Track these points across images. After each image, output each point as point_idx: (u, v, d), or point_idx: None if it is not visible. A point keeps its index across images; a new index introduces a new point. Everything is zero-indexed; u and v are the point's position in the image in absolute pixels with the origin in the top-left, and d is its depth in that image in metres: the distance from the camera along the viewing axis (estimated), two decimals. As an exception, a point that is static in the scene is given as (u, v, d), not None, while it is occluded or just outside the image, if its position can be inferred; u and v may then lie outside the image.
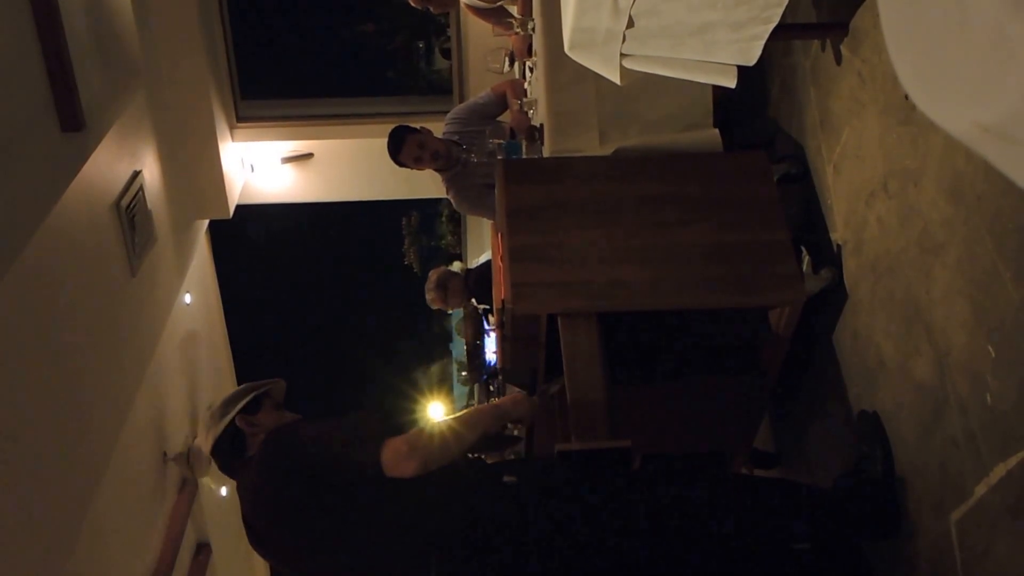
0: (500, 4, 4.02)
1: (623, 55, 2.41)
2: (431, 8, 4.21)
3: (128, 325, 3.80)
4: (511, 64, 3.78)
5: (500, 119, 4.10)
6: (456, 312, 5.42)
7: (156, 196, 4.14)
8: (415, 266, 10.96)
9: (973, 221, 1.96)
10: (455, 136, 4.02)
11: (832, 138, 2.70)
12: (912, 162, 2.22)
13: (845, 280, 2.64)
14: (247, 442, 2.30)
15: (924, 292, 2.18)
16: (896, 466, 2.32)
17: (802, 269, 2.68)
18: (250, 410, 2.33)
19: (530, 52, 3.43)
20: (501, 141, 3.48)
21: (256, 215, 6.12)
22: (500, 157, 3.31)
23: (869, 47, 2.44)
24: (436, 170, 4.01)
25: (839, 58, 2.63)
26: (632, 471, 2.28)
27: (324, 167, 5.61)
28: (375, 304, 13.56)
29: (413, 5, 4.15)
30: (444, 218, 10.20)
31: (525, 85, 3.72)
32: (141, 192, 3.87)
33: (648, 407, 2.87)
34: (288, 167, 5.53)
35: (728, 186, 2.76)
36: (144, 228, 3.90)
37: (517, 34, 3.47)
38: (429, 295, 4.54)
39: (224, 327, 6.04)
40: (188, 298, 4.92)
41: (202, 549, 5.01)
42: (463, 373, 5.05)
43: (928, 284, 2.16)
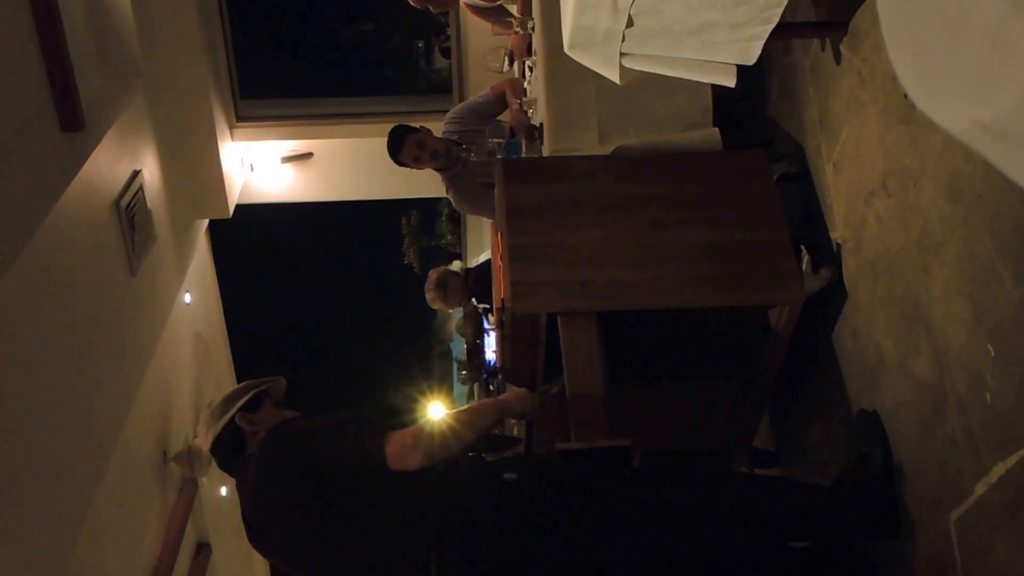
0: (499, 3, 4.01)
1: (622, 54, 2.41)
2: (431, 7, 4.21)
3: (128, 325, 3.80)
4: (510, 63, 3.78)
5: (500, 118, 4.10)
6: (456, 311, 5.43)
7: (156, 195, 4.14)
8: (415, 265, 10.94)
9: (972, 220, 1.96)
10: (454, 135, 4.02)
11: (832, 137, 2.70)
12: (911, 161, 2.22)
13: (845, 279, 2.64)
14: (247, 440, 2.30)
15: (923, 291, 2.18)
16: (896, 465, 2.32)
17: (802, 268, 2.69)
18: (250, 408, 2.33)
19: (529, 51, 3.43)
20: (501, 140, 3.48)
21: (256, 214, 6.11)
22: (500, 156, 3.30)
23: (869, 46, 2.44)
24: (436, 169, 4.01)
25: (839, 57, 2.63)
26: (632, 470, 2.28)
27: (324, 166, 5.61)
28: (375, 303, 13.55)
29: (412, 4, 4.15)
30: (444, 217, 10.18)
31: (524, 84, 3.72)
32: (141, 192, 3.87)
33: (648, 406, 2.87)
34: (288, 166, 5.53)
35: (728, 185, 2.77)
36: (144, 228, 3.90)
37: (516, 33, 3.47)
38: (429, 294, 4.54)
39: (224, 326, 6.04)
40: (188, 298, 4.92)
41: (202, 549, 5.01)
42: (463, 372, 5.05)
43: (927, 283, 2.16)
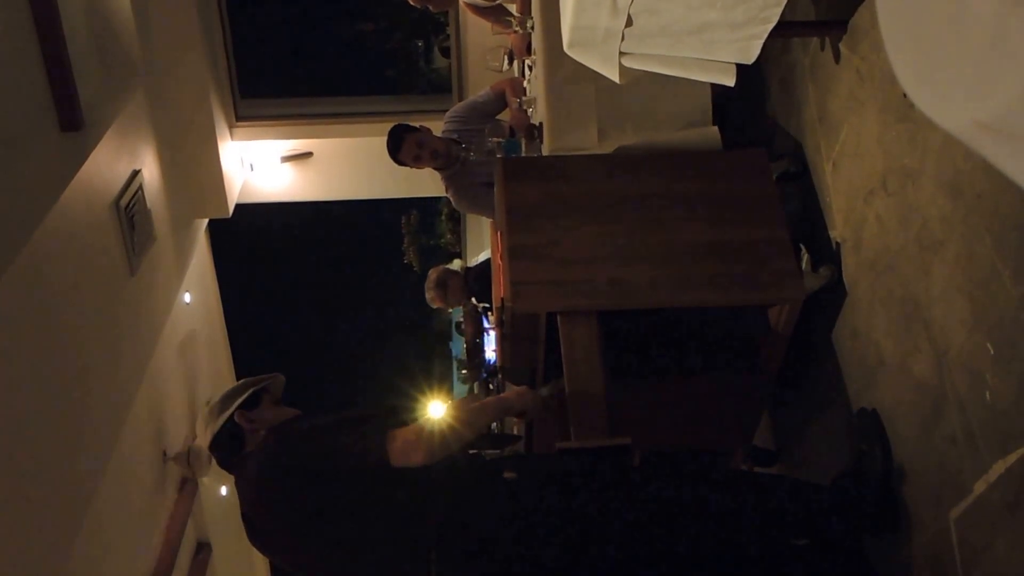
0: (499, 2, 4.01)
1: (622, 53, 2.41)
2: (430, 6, 4.20)
3: (127, 324, 3.80)
4: (510, 62, 3.78)
5: (499, 117, 4.10)
6: (456, 310, 5.42)
7: (155, 195, 4.14)
8: (415, 265, 10.94)
9: (972, 219, 1.96)
10: (454, 134, 4.02)
11: (831, 136, 2.70)
12: (911, 160, 2.22)
13: (844, 278, 2.64)
14: (245, 438, 2.30)
15: (923, 290, 2.18)
16: (895, 464, 2.33)
17: (801, 267, 2.69)
18: (249, 406, 2.33)
19: (529, 50, 3.43)
20: (500, 139, 3.48)
21: (256, 214, 6.11)
22: (499, 155, 3.30)
23: (868, 45, 2.44)
24: (435, 169, 4.01)
25: (838, 56, 2.63)
26: (632, 468, 2.28)
27: (323, 166, 5.61)
28: (375, 302, 13.55)
29: (412, 4, 4.15)
30: (444, 217, 10.16)
31: (524, 83, 3.72)
32: (140, 191, 3.87)
33: (648, 405, 2.87)
34: (287, 166, 5.53)
35: (727, 184, 2.77)
36: (143, 227, 3.90)
37: (516, 32, 3.46)
38: (429, 294, 4.53)
39: (224, 326, 6.04)
40: (188, 297, 4.92)
41: (202, 548, 5.02)
42: (463, 371, 5.05)
43: (927, 282, 2.16)
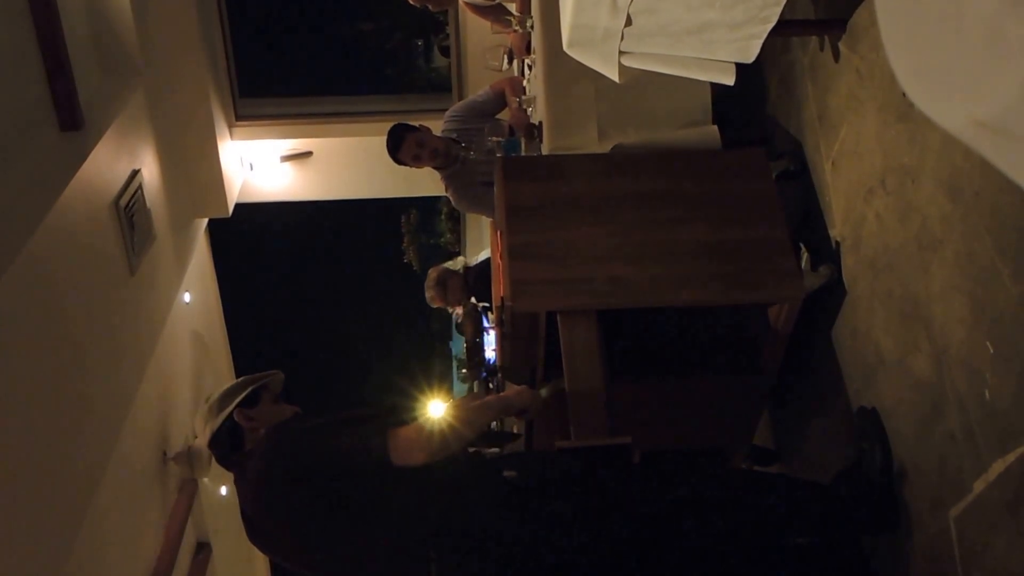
0: (498, 2, 4.01)
1: (622, 53, 2.41)
2: (429, 6, 4.20)
3: (127, 324, 3.80)
4: (510, 62, 3.78)
5: (499, 117, 4.10)
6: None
7: (155, 195, 4.14)
8: (415, 264, 10.94)
9: (971, 218, 1.96)
10: (454, 134, 4.02)
11: (830, 135, 2.70)
12: (910, 159, 2.22)
13: (844, 277, 2.64)
14: (245, 436, 2.30)
15: (923, 288, 2.18)
16: (895, 462, 2.33)
17: (801, 266, 2.69)
18: (248, 404, 2.32)
19: (529, 50, 3.43)
20: (500, 139, 3.48)
21: (255, 213, 6.11)
22: (499, 155, 3.30)
23: (867, 44, 2.44)
24: (435, 168, 4.01)
25: (837, 55, 2.63)
26: (632, 467, 2.28)
27: (323, 165, 5.61)
28: (374, 302, 13.56)
29: (412, 3, 4.15)
30: (443, 216, 10.17)
31: (524, 83, 3.72)
32: (140, 191, 3.87)
33: (648, 404, 2.87)
34: (287, 165, 5.53)
35: (727, 183, 2.77)
36: (143, 227, 3.90)
37: (516, 32, 3.47)
38: (428, 293, 4.53)
39: (223, 326, 6.04)
40: (187, 297, 4.92)
41: (202, 548, 5.02)
42: (463, 371, 5.04)
43: (927, 280, 2.16)
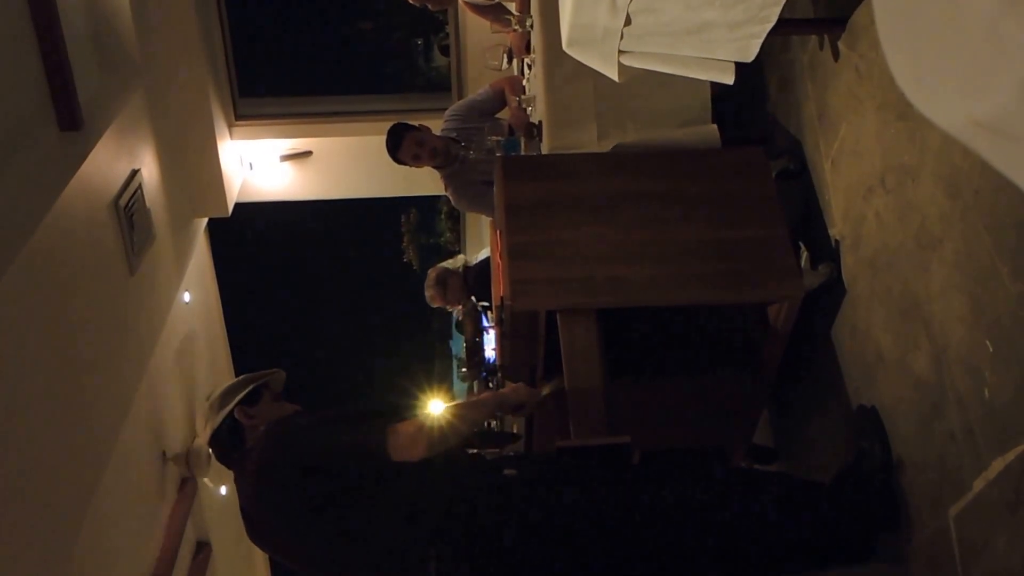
0: (498, 1, 4.01)
1: (621, 52, 2.41)
2: (429, 5, 4.20)
3: (127, 324, 3.80)
4: (509, 61, 3.78)
5: (499, 116, 4.10)
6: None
7: (155, 194, 4.14)
8: (414, 263, 10.95)
9: (970, 216, 1.96)
10: (453, 133, 4.02)
11: (830, 133, 2.71)
12: (910, 158, 2.22)
13: (843, 275, 2.64)
14: (245, 434, 2.30)
15: (922, 287, 2.18)
16: (894, 461, 2.33)
17: (800, 265, 2.69)
18: (249, 401, 2.33)
19: (528, 49, 3.43)
20: (500, 138, 3.48)
21: (255, 213, 6.12)
22: (499, 154, 3.31)
23: (866, 43, 2.44)
24: (435, 167, 4.01)
25: (837, 54, 2.63)
26: (631, 466, 2.29)
27: (323, 165, 5.61)
28: (374, 301, 13.57)
29: (411, 2, 4.15)
30: (443, 215, 10.18)
31: (523, 82, 3.72)
32: (140, 191, 3.87)
33: (647, 403, 2.87)
34: (287, 165, 5.53)
35: (726, 182, 2.77)
36: (143, 227, 3.90)
37: (515, 31, 3.46)
38: (428, 292, 4.53)
39: (223, 326, 6.04)
40: (187, 297, 4.92)
41: (202, 548, 5.02)
42: (463, 370, 5.04)
43: (926, 279, 2.16)
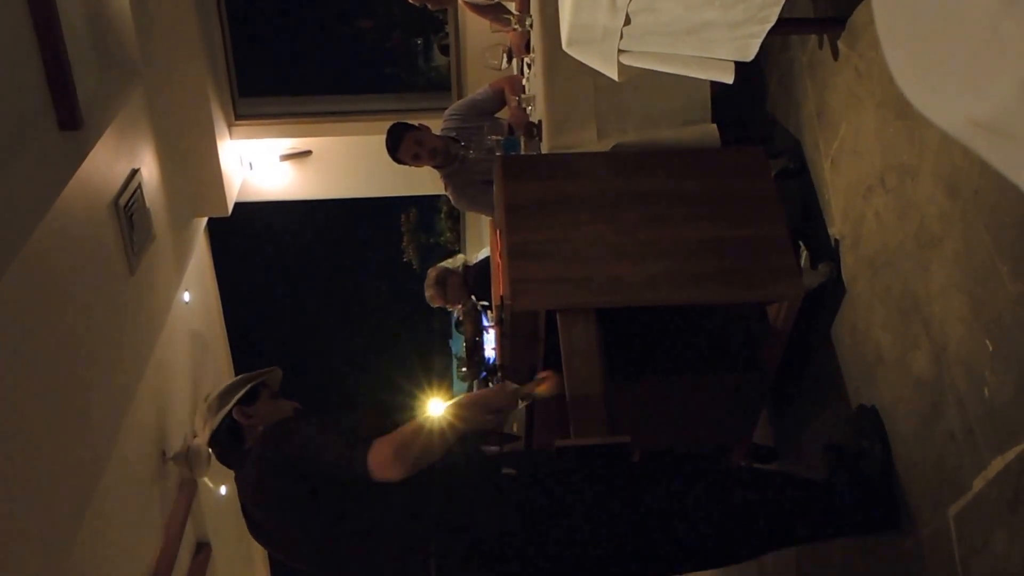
0: (498, 0, 4.01)
1: (621, 51, 2.41)
2: (429, 5, 4.20)
3: (127, 324, 3.80)
4: (509, 60, 3.78)
5: (498, 115, 4.10)
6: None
7: (154, 194, 4.14)
8: (414, 263, 10.93)
9: (970, 216, 1.96)
10: (453, 133, 4.02)
11: (829, 133, 2.71)
12: (909, 157, 2.22)
13: (843, 275, 2.64)
14: (244, 433, 2.30)
15: (922, 286, 2.18)
16: (894, 460, 2.33)
17: (800, 264, 2.69)
18: (247, 401, 2.32)
19: (528, 48, 3.43)
20: (499, 137, 3.48)
21: (255, 213, 6.12)
22: (498, 153, 3.31)
23: (866, 42, 2.44)
24: (434, 167, 4.01)
25: (836, 53, 2.63)
26: (631, 465, 2.28)
27: (323, 164, 5.61)
28: (374, 301, 13.57)
29: (411, 2, 4.15)
30: (443, 215, 10.16)
31: (523, 81, 3.72)
32: (139, 190, 3.87)
33: (647, 403, 2.87)
34: (287, 164, 5.53)
35: (726, 181, 2.77)
36: (142, 226, 3.90)
37: (515, 30, 3.46)
38: (428, 292, 4.53)
39: (223, 325, 6.04)
40: (187, 296, 4.92)
41: (202, 548, 5.03)
42: (462, 369, 5.04)
43: (926, 278, 2.16)
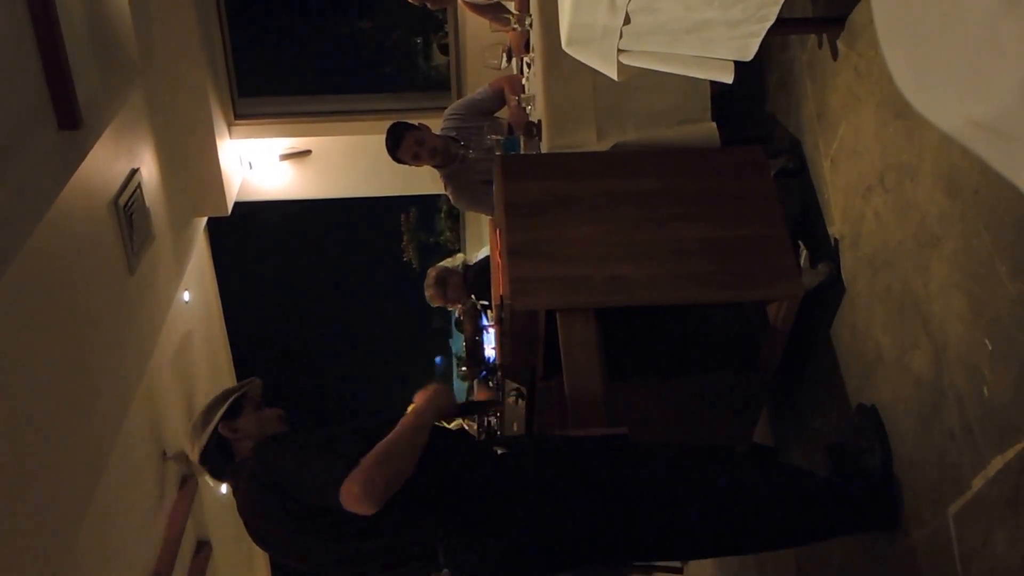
0: (497, 0, 4.01)
1: (620, 51, 2.41)
2: (428, 4, 4.21)
3: (127, 323, 3.80)
4: (509, 60, 3.78)
5: (498, 115, 4.10)
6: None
7: (154, 194, 4.14)
8: (414, 262, 10.92)
9: (970, 215, 1.97)
10: (453, 132, 4.02)
11: (829, 132, 2.71)
12: (909, 156, 2.22)
13: (843, 274, 2.64)
14: (233, 447, 2.30)
15: (921, 286, 2.18)
16: (894, 459, 2.33)
17: (800, 263, 2.69)
18: (231, 415, 2.32)
19: (528, 48, 3.43)
20: (499, 137, 3.48)
21: (255, 212, 6.12)
22: (498, 153, 3.31)
23: (866, 42, 2.45)
24: (434, 166, 4.01)
25: (836, 53, 2.63)
26: (630, 445, 2.27)
27: (322, 164, 5.61)
28: (374, 300, 13.57)
29: (410, 1, 4.15)
30: (443, 214, 10.14)
31: (523, 81, 3.72)
32: (139, 190, 3.87)
33: (647, 403, 2.87)
34: (286, 164, 5.53)
35: (726, 181, 2.77)
36: (142, 226, 3.90)
37: (514, 30, 3.46)
38: (428, 292, 4.53)
39: (223, 325, 6.04)
40: (187, 296, 4.92)
41: (203, 547, 5.03)
42: (462, 368, 5.04)
43: (925, 278, 2.16)
